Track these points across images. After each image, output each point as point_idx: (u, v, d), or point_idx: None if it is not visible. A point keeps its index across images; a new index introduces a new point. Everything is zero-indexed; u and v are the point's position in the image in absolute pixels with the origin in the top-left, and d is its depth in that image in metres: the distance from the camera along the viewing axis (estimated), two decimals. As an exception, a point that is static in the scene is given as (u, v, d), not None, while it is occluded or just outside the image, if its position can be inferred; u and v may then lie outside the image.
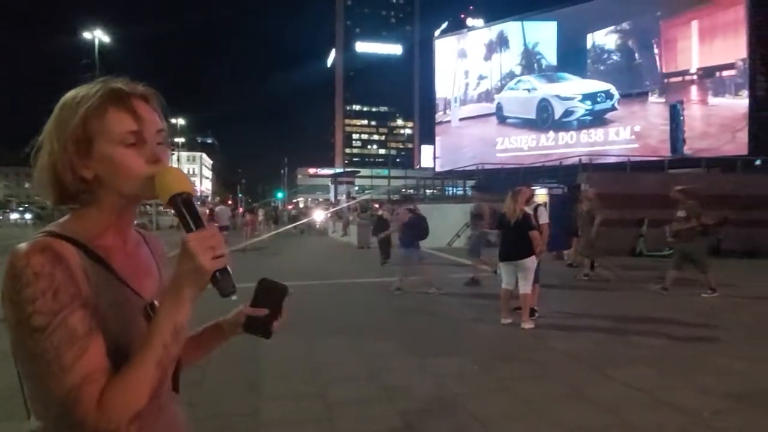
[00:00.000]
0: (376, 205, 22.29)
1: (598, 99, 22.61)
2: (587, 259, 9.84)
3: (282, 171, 70.45)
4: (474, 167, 20.48)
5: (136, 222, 1.05)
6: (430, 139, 25.43)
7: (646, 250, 13.42)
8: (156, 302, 0.95)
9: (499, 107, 26.18)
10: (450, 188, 24.45)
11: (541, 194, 14.89)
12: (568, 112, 23.49)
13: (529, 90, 25.46)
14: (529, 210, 6.48)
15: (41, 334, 0.79)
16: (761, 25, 17.41)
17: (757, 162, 17.62)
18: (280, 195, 59.57)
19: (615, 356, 4.97)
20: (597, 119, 22.46)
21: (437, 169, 24.53)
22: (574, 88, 23.54)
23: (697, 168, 16.64)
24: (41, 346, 0.79)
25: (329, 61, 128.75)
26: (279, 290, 1.07)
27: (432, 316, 6.81)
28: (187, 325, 0.87)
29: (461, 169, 21.77)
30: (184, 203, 0.89)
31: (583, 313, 6.88)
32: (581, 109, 23.17)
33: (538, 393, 4.05)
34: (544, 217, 6.77)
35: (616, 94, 21.80)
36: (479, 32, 27.77)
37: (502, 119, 25.81)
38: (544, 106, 24.27)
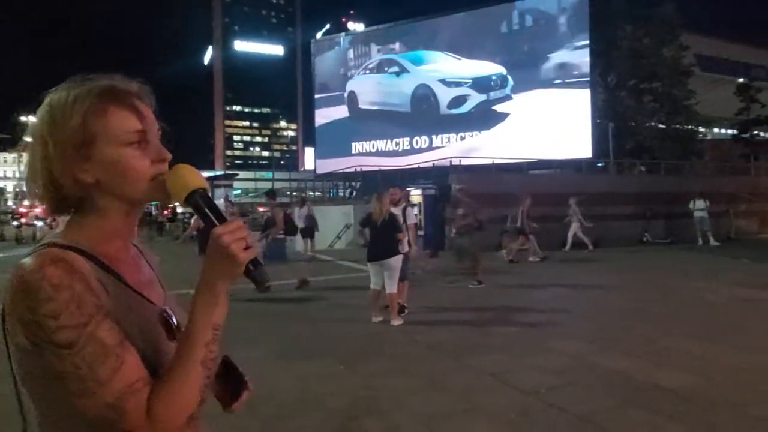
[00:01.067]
0: (261, 209, 21.74)
1: (492, 84, 19.69)
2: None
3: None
4: (352, 169, 20.78)
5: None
6: (313, 141, 25.30)
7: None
8: (168, 309, 0.93)
9: (352, 97, 22.37)
10: (332, 190, 24.59)
11: (415, 195, 15.56)
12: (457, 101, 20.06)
13: (398, 74, 21.27)
14: (397, 211, 6.73)
15: (69, 350, 0.73)
16: (598, 40, 19.80)
17: (600, 164, 20.08)
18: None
19: (472, 345, 5.34)
20: (487, 113, 19.77)
21: (318, 171, 24.41)
22: (461, 69, 20.28)
23: (551, 169, 18.51)
24: (71, 362, 0.73)
25: (206, 59, 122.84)
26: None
27: (304, 319, 6.78)
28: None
29: (340, 171, 21.92)
30: (203, 199, 0.86)
31: (450, 306, 7.31)
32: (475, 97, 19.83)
33: (399, 386, 4.21)
34: (412, 218, 7.06)
35: (511, 80, 19.49)
36: (357, 36, 28.21)
37: (356, 113, 22.37)
38: (423, 94, 20.70)
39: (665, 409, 3.60)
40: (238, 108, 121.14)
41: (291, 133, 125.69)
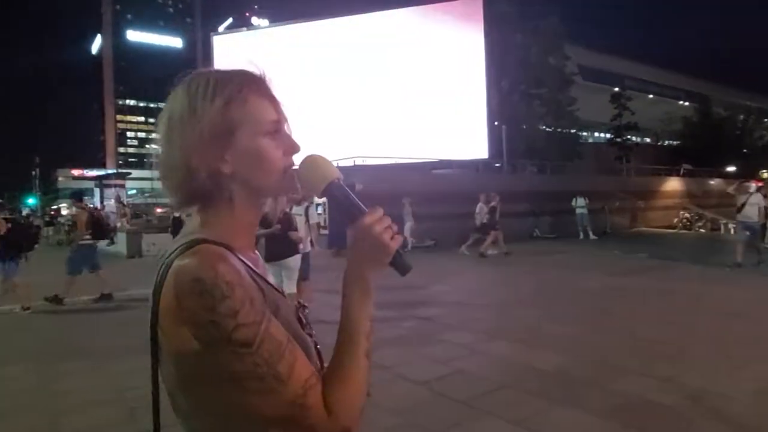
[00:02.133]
0: (159, 210, 20.52)
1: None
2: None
3: (33, 173, 58.95)
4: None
5: None
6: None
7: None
8: (301, 302, 0.90)
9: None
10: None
11: (320, 195, 15.55)
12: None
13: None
14: (300, 210, 6.76)
15: (249, 348, 0.70)
16: (493, 47, 21.06)
17: (497, 165, 21.40)
18: (32, 201, 50.35)
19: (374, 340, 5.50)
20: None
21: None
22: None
23: (450, 169, 19.43)
24: (250, 361, 0.70)
25: (95, 49, 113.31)
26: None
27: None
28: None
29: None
30: (340, 189, 0.83)
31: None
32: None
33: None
34: (315, 217, 7.12)
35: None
36: (262, 32, 27.60)
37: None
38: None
39: (534, 388, 4.01)
40: (131, 102, 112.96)
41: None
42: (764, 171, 32.86)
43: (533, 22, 24.16)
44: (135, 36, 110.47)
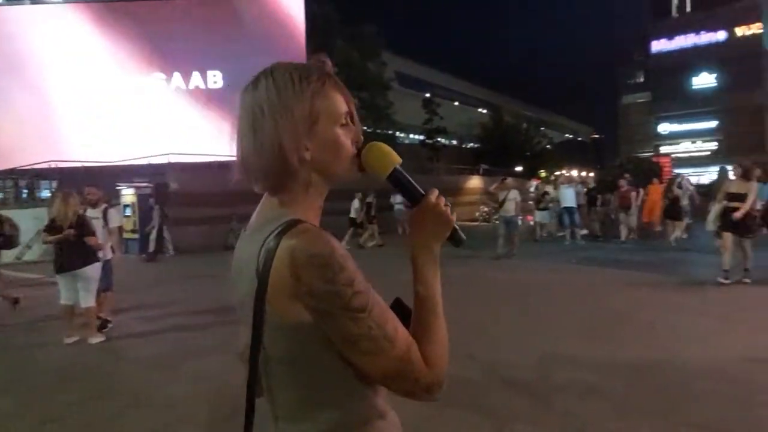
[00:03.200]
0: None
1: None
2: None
3: None
4: (46, 165, 17.40)
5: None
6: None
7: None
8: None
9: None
10: (24, 191, 20.10)
11: (128, 194, 14.07)
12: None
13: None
14: (96, 213, 5.98)
15: (364, 312, 0.80)
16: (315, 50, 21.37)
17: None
18: None
19: (187, 352, 5.15)
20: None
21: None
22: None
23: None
24: (365, 325, 0.80)
25: None
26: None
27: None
28: None
29: (30, 167, 18.06)
30: (402, 174, 0.94)
31: (164, 313, 6.87)
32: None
33: (101, 411, 3.80)
34: (115, 220, 6.35)
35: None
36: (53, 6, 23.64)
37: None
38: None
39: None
40: None
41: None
42: (542, 170, 39.07)
43: (354, 28, 25.15)
44: None
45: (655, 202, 14.11)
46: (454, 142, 45.77)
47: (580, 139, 77.89)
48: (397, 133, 32.04)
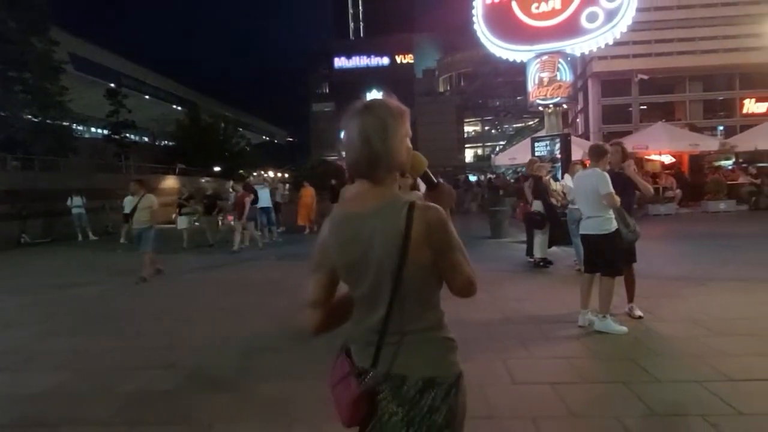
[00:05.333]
0: None
1: None
2: None
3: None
4: None
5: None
6: None
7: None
8: None
9: None
10: None
11: None
12: None
13: None
14: None
15: (460, 248, 1.48)
16: None
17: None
18: None
19: None
20: None
21: None
22: None
23: None
24: (461, 254, 1.48)
25: None
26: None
27: None
28: None
29: None
30: (428, 172, 1.65)
31: None
32: None
33: None
34: None
35: None
36: None
37: None
38: None
39: (23, 416, 3.63)
40: None
41: None
42: (241, 171, 39.57)
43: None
44: None
45: (308, 204, 15.38)
46: (146, 138, 42.03)
47: (276, 141, 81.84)
48: (75, 126, 27.49)
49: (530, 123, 40.06)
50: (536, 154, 11.74)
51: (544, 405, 3.46)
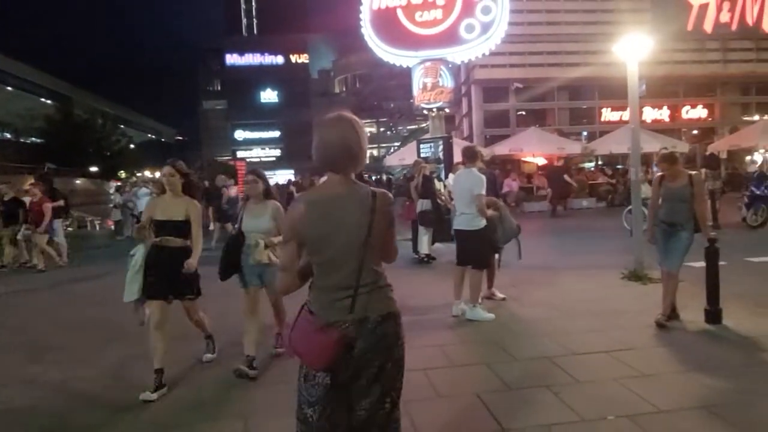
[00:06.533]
0: None
1: None
2: None
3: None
4: None
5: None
6: None
7: None
8: None
9: None
10: None
11: None
12: None
13: None
14: None
15: (393, 226, 2.07)
16: None
17: None
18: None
19: None
20: None
21: None
22: None
23: None
24: (394, 229, 2.08)
25: None
26: None
27: None
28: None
29: None
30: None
31: None
32: None
33: None
34: None
35: None
36: None
37: None
38: None
39: None
40: None
41: None
42: (122, 171, 36.86)
43: None
44: None
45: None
46: (8, 135, 37.53)
47: (163, 140, 76.92)
48: None
49: (423, 125, 41.58)
50: (422, 155, 12.34)
51: (416, 389, 3.74)
